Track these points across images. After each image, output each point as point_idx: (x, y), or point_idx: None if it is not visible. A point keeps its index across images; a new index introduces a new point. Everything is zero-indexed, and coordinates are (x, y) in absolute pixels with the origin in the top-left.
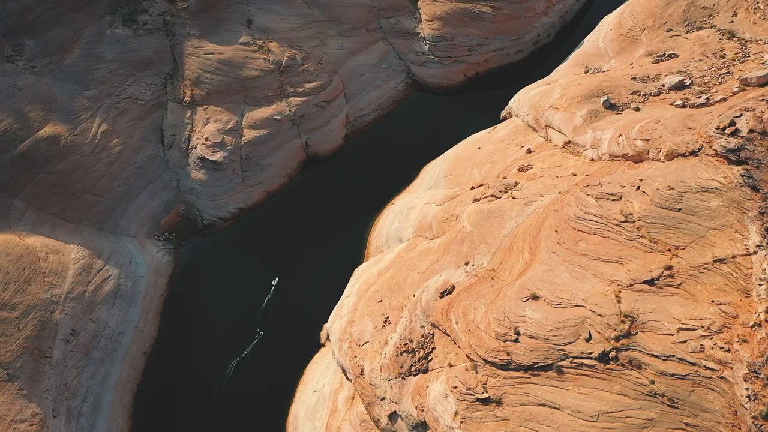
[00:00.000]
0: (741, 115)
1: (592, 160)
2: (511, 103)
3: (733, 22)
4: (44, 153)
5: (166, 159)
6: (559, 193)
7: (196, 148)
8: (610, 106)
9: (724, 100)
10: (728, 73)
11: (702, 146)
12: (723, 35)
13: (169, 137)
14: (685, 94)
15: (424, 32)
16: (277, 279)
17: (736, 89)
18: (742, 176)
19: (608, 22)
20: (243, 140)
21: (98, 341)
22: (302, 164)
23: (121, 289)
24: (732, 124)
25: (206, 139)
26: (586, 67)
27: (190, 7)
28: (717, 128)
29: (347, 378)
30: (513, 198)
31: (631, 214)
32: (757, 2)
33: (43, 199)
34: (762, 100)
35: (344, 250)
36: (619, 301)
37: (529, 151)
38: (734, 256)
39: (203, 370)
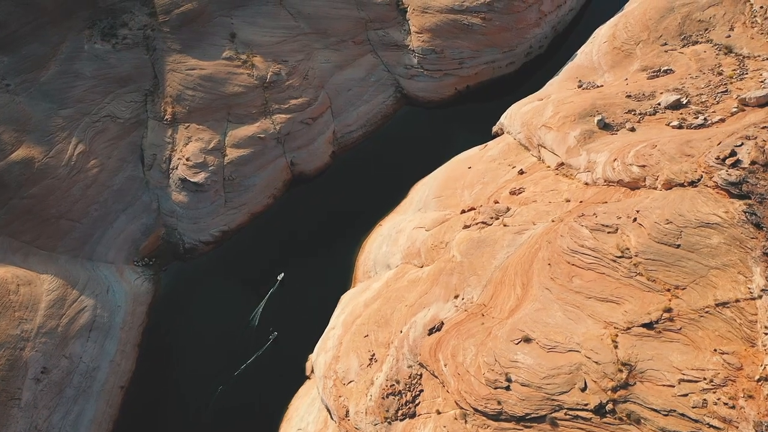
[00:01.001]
0: (742, 144)
1: (587, 184)
2: (502, 119)
3: (730, 36)
4: (17, 177)
5: (146, 180)
6: (552, 221)
7: (176, 168)
8: (605, 126)
9: (722, 120)
10: (726, 91)
11: (701, 176)
12: (720, 50)
13: (149, 157)
14: (681, 113)
15: (413, 45)
16: (282, 274)
17: (734, 109)
18: (745, 212)
19: (602, 34)
20: (226, 160)
21: (71, 378)
22: (287, 184)
23: (96, 321)
24: (733, 153)
25: (187, 159)
26: (580, 81)
27: (171, 21)
28: (717, 158)
29: (332, 418)
30: (504, 225)
31: (628, 249)
32: (755, 16)
33: (16, 226)
34: (764, 128)
35: (331, 274)
36: (615, 347)
37: (521, 172)
38: (737, 300)
39: (184, 403)
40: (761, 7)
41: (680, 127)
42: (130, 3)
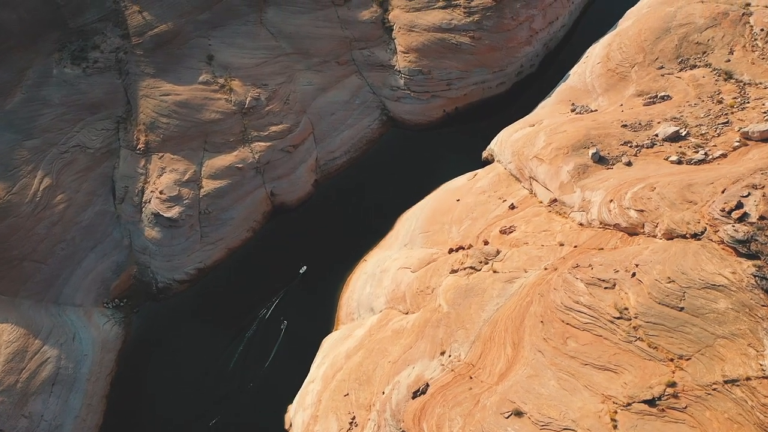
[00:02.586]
0: (749, 194)
1: (581, 224)
2: (492, 145)
3: (729, 61)
4: None
5: (117, 214)
6: (545, 268)
7: (149, 202)
8: (600, 160)
9: (724, 156)
10: (727, 122)
11: (705, 229)
12: (719, 75)
13: (120, 189)
14: (680, 146)
15: (400, 65)
16: (305, 267)
17: (736, 143)
18: (754, 276)
19: (595, 54)
20: (201, 192)
21: None
22: (267, 215)
23: (60, 373)
24: (739, 205)
25: (161, 192)
26: (573, 104)
27: (144, 43)
28: (722, 210)
29: None
30: (494, 272)
31: (627, 309)
32: (755, 39)
33: None
34: None
35: (313, 312)
36: (615, 427)
37: (512, 207)
38: (748, 378)
39: None
40: (762, 30)
41: (679, 162)
42: (102, 24)
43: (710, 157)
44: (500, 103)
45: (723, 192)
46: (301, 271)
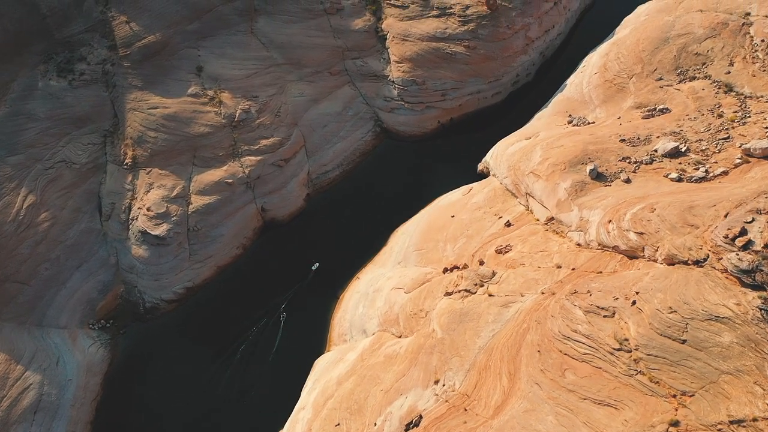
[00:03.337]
0: (753, 219)
1: (579, 245)
2: (488, 157)
3: (729, 72)
4: None
5: (103, 232)
6: (542, 293)
7: (137, 219)
8: (598, 176)
9: (725, 173)
10: (728, 138)
11: (708, 256)
12: (719, 88)
13: (107, 206)
14: (680, 163)
15: (394, 75)
16: (317, 264)
17: (738, 160)
18: (760, 309)
19: (592, 63)
20: (190, 209)
21: None
22: (258, 231)
23: (43, 400)
24: (743, 232)
25: (148, 209)
26: (570, 116)
27: (132, 55)
28: (725, 237)
29: None
30: (489, 295)
31: (627, 341)
32: (755, 50)
33: None
34: None
35: (306, 331)
36: None
37: (508, 225)
38: (755, 419)
39: None
40: (762, 41)
41: (679, 179)
42: (89, 35)
43: (711, 174)
44: (496, 114)
45: (726, 216)
46: (313, 268)
